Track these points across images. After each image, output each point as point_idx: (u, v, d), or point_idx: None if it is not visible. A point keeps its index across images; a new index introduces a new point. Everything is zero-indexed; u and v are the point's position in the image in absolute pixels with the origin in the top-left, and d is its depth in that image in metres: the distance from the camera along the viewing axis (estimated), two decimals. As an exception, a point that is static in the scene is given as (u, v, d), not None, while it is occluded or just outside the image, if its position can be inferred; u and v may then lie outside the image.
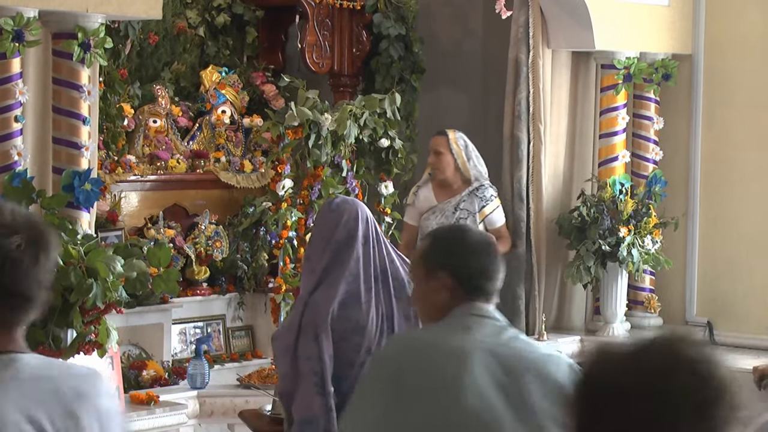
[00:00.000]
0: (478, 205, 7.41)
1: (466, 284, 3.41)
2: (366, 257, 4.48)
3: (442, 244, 3.49)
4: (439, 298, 3.42)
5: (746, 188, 8.03)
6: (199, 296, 7.22)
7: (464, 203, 7.41)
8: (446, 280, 3.41)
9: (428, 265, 3.45)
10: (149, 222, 7.14)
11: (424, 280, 3.46)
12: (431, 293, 3.44)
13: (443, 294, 3.42)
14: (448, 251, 3.46)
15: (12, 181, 5.41)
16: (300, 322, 4.45)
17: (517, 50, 7.87)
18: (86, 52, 5.61)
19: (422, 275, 3.47)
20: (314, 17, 8.01)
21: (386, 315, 4.48)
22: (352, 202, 4.59)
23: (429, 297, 3.45)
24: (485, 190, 7.45)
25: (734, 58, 8.09)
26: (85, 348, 5.45)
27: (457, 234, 3.58)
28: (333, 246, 4.49)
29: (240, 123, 7.73)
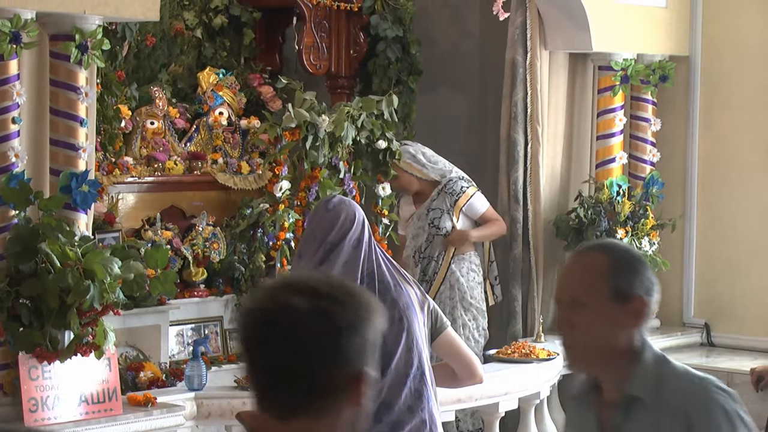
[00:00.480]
0: (449, 201, 7.43)
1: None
2: (354, 259, 4.43)
3: (630, 261, 2.92)
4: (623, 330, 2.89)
5: (744, 189, 8.04)
6: (197, 298, 7.21)
7: (435, 202, 7.46)
8: (641, 304, 2.89)
9: (616, 284, 2.87)
10: (146, 223, 7.13)
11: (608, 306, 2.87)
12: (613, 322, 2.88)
13: (633, 322, 2.89)
14: (636, 269, 2.91)
15: (9, 182, 5.40)
16: None
17: (514, 52, 7.87)
18: (83, 54, 5.61)
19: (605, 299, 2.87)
20: (311, 19, 8.01)
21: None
22: (348, 203, 4.56)
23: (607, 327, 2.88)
24: (454, 184, 7.45)
25: (731, 60, 8.10)
26: (83, 349, 5.45)
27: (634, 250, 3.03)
28: (326, 247, 4.46)
29: (237, 124, 7.72)
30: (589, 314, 2.84)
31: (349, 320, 2.14)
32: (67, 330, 5.43)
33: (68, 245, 5.34)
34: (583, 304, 2.84)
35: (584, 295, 2.84)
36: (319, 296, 2.15)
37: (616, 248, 2.95)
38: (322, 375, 2.12)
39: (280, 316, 2.14)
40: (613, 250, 2.92)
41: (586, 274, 2.87)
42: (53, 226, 5.38)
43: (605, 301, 2.84)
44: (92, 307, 5.34)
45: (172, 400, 6.06)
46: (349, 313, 2.15)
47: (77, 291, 5.26)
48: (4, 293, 5.31)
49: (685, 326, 8.26)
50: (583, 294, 2.84)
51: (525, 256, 7.86)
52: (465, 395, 6.54)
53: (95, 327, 5.47)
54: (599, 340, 2.86)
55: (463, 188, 7.44)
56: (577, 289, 2.86)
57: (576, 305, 2.85)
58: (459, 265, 7.42)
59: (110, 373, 5.72)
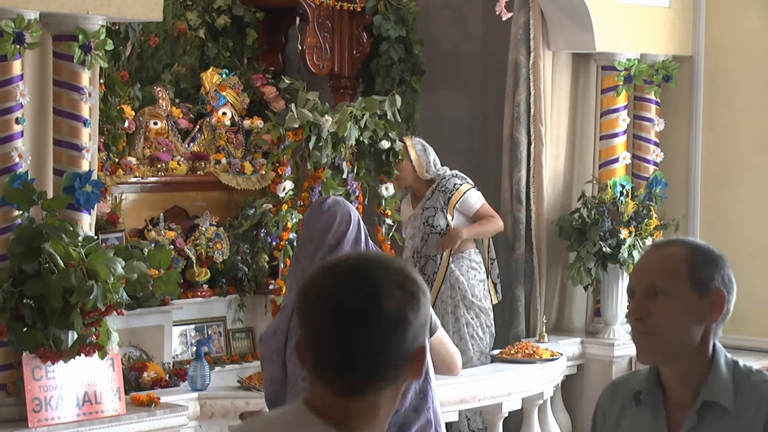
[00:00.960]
0: (443, 199, 7.39)
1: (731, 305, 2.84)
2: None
3: (710, 253, 2.85)
4: (699, 323, 2.81)
5: (747, 189, 8.03)
6: (200, 298, 7.22)
7: (429, 201, 7.43)
8: (720, 297, 2.81)
9: (697, 274, 2.80)
10: (150, 224, 7.14)
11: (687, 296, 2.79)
12: (691, 313, 2.80)
13: (710, 316, 2.81)
14: (716, 262, 2.84)
15: (12, 183, 5.41)
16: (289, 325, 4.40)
17: (516, 52, 7.87)
18: (87, 54, 5.61)
19: (685, 288, 2.79)
20: (314, 19, 8.01)
21: None
22: (342, 203, 4.54)
23: (684, 318, 2.80)
24: (447, 182, 7.41)
25: (735, 60, 8.09)
26: (86, 350, 5.45)
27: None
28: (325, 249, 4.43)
29: (240, 125, 7.73)
30: (668, 302, 2.77)
31: (418, 294, 2.18)
32: (71, 330, 5.43)
33: (71, 245, 5.34)
34: (663, 291, 2.77)
35: (664, 282, 2.78)
36: (393, 271, 2.19)
37: (698, 242, 2.89)
38: (397, 352, 2.16)
39: (362, 295, 2.16)
40: (695, 243, 2.87)
41: (667, 263, 2.80)
42: (56, 226, 5.38)
43: (685, 291, 2.78)
44: (95, 308, 5.34)
45: (175, 401, 6.06)
46: (418, 287, 2.20)
47: (80, 291, 5.26)
48: (7, 293, 5.31)
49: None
50: (662, 281, 2.78)
51: (528, 257, 7.86)
52: (468, 395, 6.54)
53: (98, 327, 5.47)
54: (676, 331, 2.78)
55: (456, 185, 7.40)
56: (656, 276, 2.79)
57: (654, 293, 2.78)
58: (458, 263, 7.40)
59: (113, 373, 5.72)
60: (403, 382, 2.20)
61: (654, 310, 2.78)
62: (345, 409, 2.16)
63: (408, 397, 4.39)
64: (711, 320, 2.80)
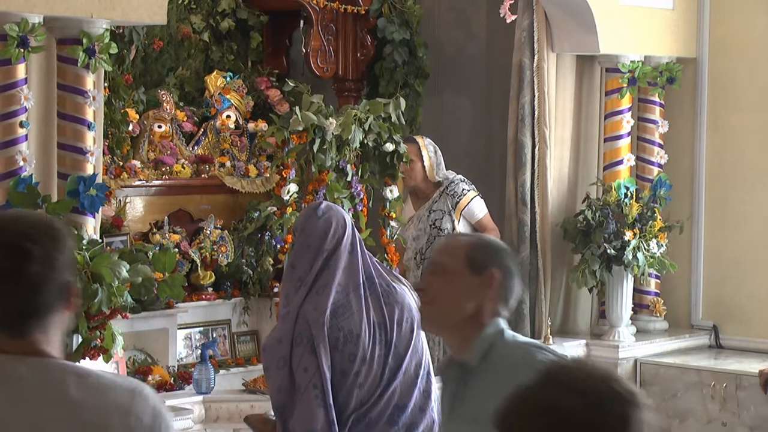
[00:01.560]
0: (451, 202, 7.38)
1: (509, 290, 3.23)
2: (353, 265, 4.41)
3: (489, 243, 3.31)
4: (478, 300, 3.20)
5: (751, 191, 8.03)
6: (205, 301, 7.22)
7: (436, 204, 7.41)
8: (496, 276, 3.20)
9: (475, 258, 3.22)
10: (154, 227, 7.14)
11: (467, 275, 3.19)
12: (470, 292, 3.20)
13: (487, 294, 3.20)
14: (496, 250, 3.27)
15: (17, 186, 5.41)
16: (293, 333, 4.38)
17: (521, 54, 7.88)
18: (91, 58, 5.62)
19: (463, 268, 3.20)
20: (318, 22, 8.01)
21: (378, 323, 4.39)
22: (336, 209, 4.51)
23: (464, 297, 3.20)
24: (456, 186, 7.41)
25: (739, 61, 8.09)
26: (91, 353, 5.46)
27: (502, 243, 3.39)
28: (324, 255, 4.41)
29: (245, 128, 7.73)
30: (445, 277, 3.19)
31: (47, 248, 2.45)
32: (76, 334, 5.43)
33: (76, 249, 5.35)
34: (442, 268, 3.20)
35: (445, 260, 3.22)
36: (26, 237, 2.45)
37: (484, 236, 3.47)
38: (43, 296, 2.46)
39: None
40: (479, 236, 3.47)
41: (451, 246, 3.33)
42: (61, 229, 5.38)
43: (460, 269, 3.19)
44: (100, 311, 5.34)
45: (180, 404, 6.06)
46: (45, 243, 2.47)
47: (85, 295, 5.27)
48: (12, 297, 5.31)
49: (693, 328, 8.25)
50: (443, 259, 3.23)
51: (532, 259, 7.86)
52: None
53: (103, 330, 5.48)
54: (450, 303, 3.19)
55: (464, 191, 7.41)
56: (440, 255, 3.27)
57: (436, 270, 3.21)
58: None
59: (118, 377, 5.72)
60: (62, 318, 2.51)
61: (434, 283, 3.21)
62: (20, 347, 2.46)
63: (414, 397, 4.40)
64: (484, 297, 3.19)
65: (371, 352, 4.36)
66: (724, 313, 8.10)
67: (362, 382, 4.33)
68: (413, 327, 4.42)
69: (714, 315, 8.17)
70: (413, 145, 7.38)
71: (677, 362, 7.73)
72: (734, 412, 7.38)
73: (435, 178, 7.44)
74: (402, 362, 4.37)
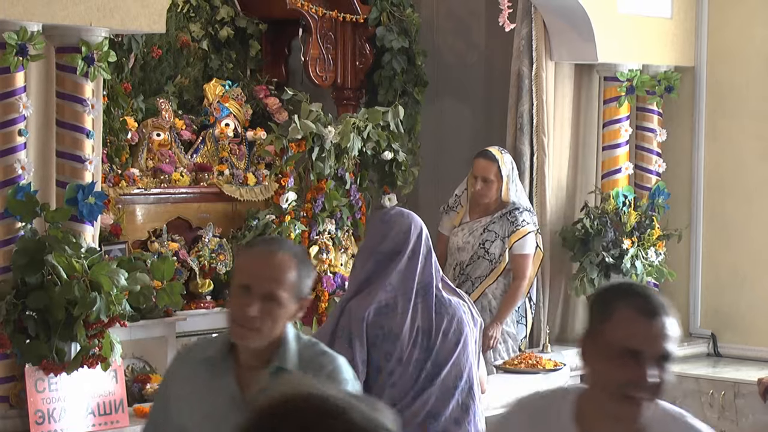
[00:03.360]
0: (507, 229, 7.03)
1: None
2: (409, 270, 4.52)
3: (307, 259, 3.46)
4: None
5: (749, 200, 8.03)
6: (203, 309, 7.22)
7: (493, 225, 7.06)
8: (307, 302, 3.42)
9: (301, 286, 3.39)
10: (153, 235, 7.14)
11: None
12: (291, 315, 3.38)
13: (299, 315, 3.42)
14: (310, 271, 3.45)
15: (16, 194, 5.41)
16: (336, 326, 4.51)
17: (519, 63, 7.88)
18: (90, 66, 5.62)
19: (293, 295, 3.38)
20: (317, 31, 8.02)
21: (423, 329, 4.51)
22: (406, 216, 4.63)
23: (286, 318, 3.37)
24: (519, 215, 7.04)
25: (737, 70, 8.10)
26: (89, 361, 5.45)
27: None
28: (377, 257, 4.55)
29: (243, 136, 7.73)
30: (282, 308, 3.28)
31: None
32: (74, 342, 5.43)
33: (75, 257, 5.35)
34: (279, 301, 3.28)
35: (282, 292, 3.30)
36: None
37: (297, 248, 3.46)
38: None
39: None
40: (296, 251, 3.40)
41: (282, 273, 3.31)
42: (60, 238, 5.38)
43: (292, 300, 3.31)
44: (99, 319, 5.34)
45: (178, 412, 6.05)
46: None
47: (84, 303, 5.27)
48: (10, 305, 5.32)
49: (691, 336, 8.26)
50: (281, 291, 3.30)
51: (531, 267, 7.85)
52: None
53: (102, 339, 5.48)
54: (280, 327, 3.32)
55: (524, 222, 7.04)
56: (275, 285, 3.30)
57: (274, 299, 3.28)
58: (493, 290, 7.17)
59: (117, 385, 5.72)
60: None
61: (273, 312, 3.31)
62: None
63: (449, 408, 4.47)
64: (298, 318, 3.40)
65: (409, 355, 4.47)
66: (723, 322, 8.10)
67: (395, 382, 4.44)
68: (460, 340, 4.50)
69: (712, 323, 8.17)
70: (493, 163, 7.02)
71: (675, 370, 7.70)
72: (733, 420, 7.38)
73: (508, 198, 7.05)
74: (441, 371, 4.47)
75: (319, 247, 6.83)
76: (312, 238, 6.79)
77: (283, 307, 3.28)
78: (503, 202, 7.08)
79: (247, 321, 3.26)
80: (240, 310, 3.27)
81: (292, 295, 3.29)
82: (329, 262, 6.89)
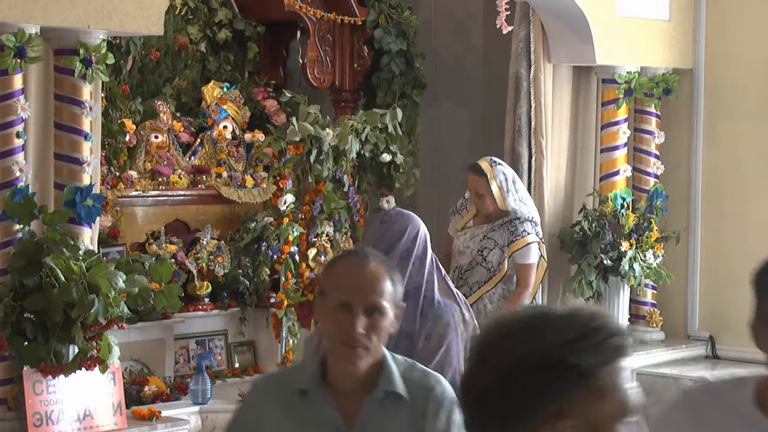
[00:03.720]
0: (507, 239, 6.95)
1: None
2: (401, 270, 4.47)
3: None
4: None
5: (748, 202, 8.04)
6: (201, 312, 7.22)
7: (493, 233, 6.98)
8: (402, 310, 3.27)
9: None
10: (151, 237, 7.14)
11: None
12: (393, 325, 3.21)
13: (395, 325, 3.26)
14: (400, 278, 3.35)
15: (14, 197, 5.41)
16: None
17: (517, 65, 7.89)
18: (88, 68, 5.62)
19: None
20: (315, 33, 8.02)
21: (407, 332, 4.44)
22: (405, 216, 4.58)
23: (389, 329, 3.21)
24: (519, 225, 6.94)
25: (735, 72, 8.10)
26: (87, 364, 5.45)
27: None
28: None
29: (241, 138, 7.73)
30: (386, 319, 3.13)
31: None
32: (72, 344, 5.43)
33: (73, 259, 5.34)
34: (382, 311, 3.13)
35: (384, 302, 3.14)
36: None
37: (381, 256, 3.32)
38: None
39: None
40: (382, 258, 3.27)
41: (379, 283, 3.16)
42: (58, 240, 5.38)
43: (392, 309, 3.15)
44: (97, 321, 5.34)
45: (176, 414, 6.06)
46: None
47: (82, 305, 5.27)
48: (8, 308, 5.32)
49: (689, 339, 8.25)
50: (383, 301, 3.15)
51: (529, 269, 7.85)
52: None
53: (100, 341, 5.47)
54: (383, 342, 3.17)
55: (524, 232, 6.94)
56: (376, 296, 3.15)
57: (377, 310, 3.13)
58: (491, 294, 7.15)
59: (114, 387, 5.72)
60: None
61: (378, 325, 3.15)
62: None
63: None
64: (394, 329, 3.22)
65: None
66: (721, 324, 8.10)
67: None
68: (442, 344, 4.42)
69: (710, 326, 8.17)
70: (481, 178, 6.94)
71: (674, 373, 7.73)
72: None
73: (506, 207, 6.95)
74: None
75: (317, 250, 6.83)
76: (310, 241, 6.79)
77: (386, 318, 3.13)
78: (504, 210, 7.00)
79: (355, 339, 3.09)
80: (344, 329, 3.09)
81: (391, 305, 3.15)
82: (327, 265, 6.88)
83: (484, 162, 6.98)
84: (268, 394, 3.22)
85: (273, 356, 7.20)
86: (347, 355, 3.10)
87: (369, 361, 3.13)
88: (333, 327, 3.12)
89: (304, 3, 7.91)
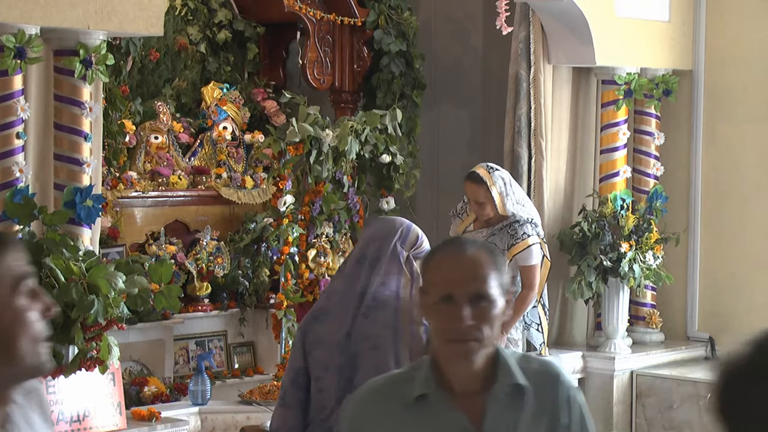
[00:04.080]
0: (507, 242, 6.90)
1: None
2: (354, 274, 4.42)
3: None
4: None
5: (747, 203, 8.04)
6: (201, 312, 7.22)
7: (493, 237, 6.92)
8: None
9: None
10: (151, 238, 7.14)
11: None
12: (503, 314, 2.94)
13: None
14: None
15: (13, 197, 5.41)
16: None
17: (517, 66, 7.89)
18: (88, 69, 5.62)
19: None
20: (315, 34, 8.03)
21: (350, 334, 4.38)
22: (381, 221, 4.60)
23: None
24: (519, 227, 6.89)
25: (735, 74, 8.10)
26: (87, 364, 5.45)
27: None
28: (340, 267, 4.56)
29: (241, 139, 7.74)
30: (494, 307, 2.87)
31: None
32: (71, 345, 5.43)
33: (72, 260, 5.34)
34: (489, 298, 2.87)
35: (489, 288, 2.89)
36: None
37: (480, 241, 3.06)
38: None
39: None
40: (482, 243, 3.02)
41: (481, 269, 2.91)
42: (57, 241, 5.38)
43: (500, 296, 2.90)
44: (96, 322, 5.34)
45: (176, 415, 6.06)
46: None
47: (81, 306, 5.27)
48: (8, 308, 5.31)
49: (689, 340, 8.25)
50: (487, 288, 2.89)
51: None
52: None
53: (99, 342, 5.47)
54: (496, 334, 2.90)
55: (525, 235, 6.89)
56: (480, 283, 2.89)
57: (483, 298, 2.88)
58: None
59: (114, 388, 5.72)
60: None
61: (488, 314, 2.88)
62: None
63: None
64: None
65: (334, 361, 4.34)
66: (720, 325, 8.10)
67: (322, 387, 4.33)
68: (378, 344, 4.31)
69: (710, 327, 8.17)
70: (480, 186, 6.87)
71: (673, 374, 7.73)
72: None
73: (506, 213, 6.91)
74: (356, 374, 4.34)
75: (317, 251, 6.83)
76: (310, 242, 6.79)
77: (495, 305, 2.84)
78: (503, 215, 6.96)
79: (464, 333, 2.82)
80: (450, 325, 2.82)
81: (498, 291, 2.86)
82: (327, 266, 6.89)
83: (480, 169, 6.92)
84: (376, 404, 2.94)
85: (272, 357, 7.20)
86: (459, 351, 2.84)
87: (483, 355, 2.86)
88: (438, 324, 2.86)
89: (303, 4, 7.91)
